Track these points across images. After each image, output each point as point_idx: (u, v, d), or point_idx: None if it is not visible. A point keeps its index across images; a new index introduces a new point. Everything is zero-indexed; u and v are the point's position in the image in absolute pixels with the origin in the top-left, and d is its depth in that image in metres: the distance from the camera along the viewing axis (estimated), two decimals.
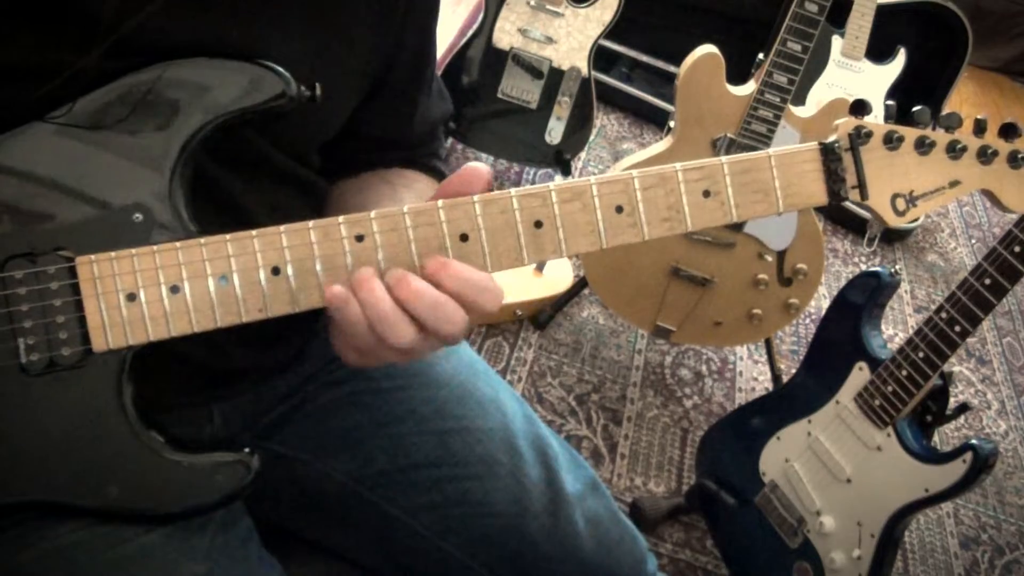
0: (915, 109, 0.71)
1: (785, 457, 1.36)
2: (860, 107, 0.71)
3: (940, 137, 0.71)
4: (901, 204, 0.71)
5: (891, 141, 0.70)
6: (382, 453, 0.86)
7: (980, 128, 0.72)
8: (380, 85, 0.83)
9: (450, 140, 2.29)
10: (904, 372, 1.17)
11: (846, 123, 0.70)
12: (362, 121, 0.84)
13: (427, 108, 0.90)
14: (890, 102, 0.72)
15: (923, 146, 0.71)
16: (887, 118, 0.71)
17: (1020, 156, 0.72)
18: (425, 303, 0.62)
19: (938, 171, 0.71)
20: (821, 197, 0.70)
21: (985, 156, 0.71)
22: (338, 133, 0.83)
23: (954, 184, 0.71)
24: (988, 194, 0.73)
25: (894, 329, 2.35)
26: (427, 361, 0.90)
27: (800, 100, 2.23)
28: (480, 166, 0.66)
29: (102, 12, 0.62)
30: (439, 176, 0.92)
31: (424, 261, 0.64)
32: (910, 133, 0.71)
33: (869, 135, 0.70)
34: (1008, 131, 0.72)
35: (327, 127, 0.80)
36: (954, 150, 0.71)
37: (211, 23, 0.66)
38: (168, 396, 0.75)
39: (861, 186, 0.70)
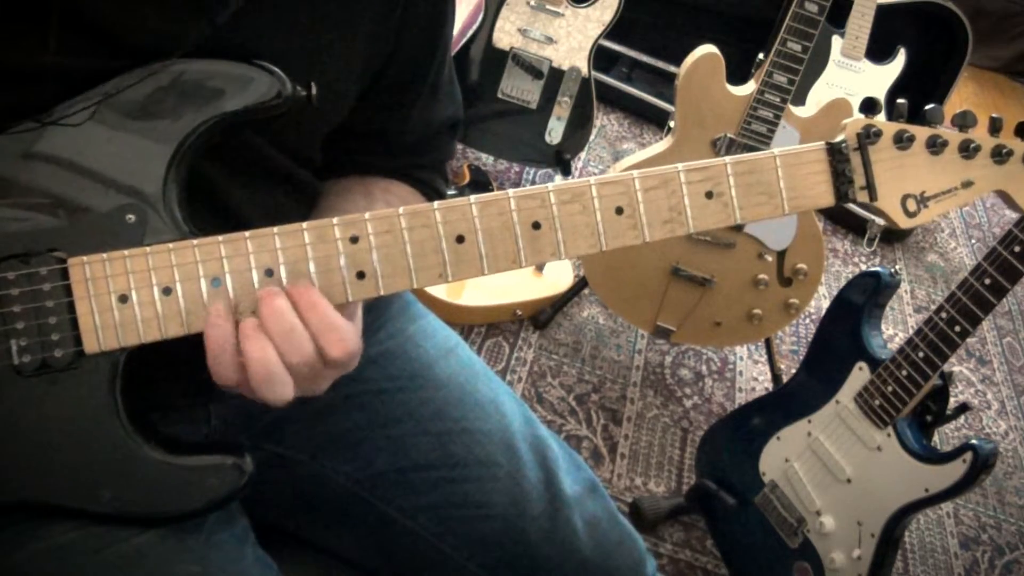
0: (927, 108, 0.69)
1: (785, 457, 1.35)
2: (870, 106, 0.68)
3: (953, 136, 0.69)
4: (912, 205, 0.68)
5: (901, 140, 0.68)
6: (380, 454, 0.85)
7: (995, 127, 0.69)
8: (374, 81, 0.82)
9: None
10: (904, 372, 1.16)
11: (854, 122, 0.68)
12: (355, 116, 0.83)
13: (426, 109, 0.88)
14: (901, 100, 0.69)
15: (935, 145, 0.68)
16: (897, 117, 0.69)
17: None
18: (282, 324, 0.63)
19: (950, 171, 0.69)
20: (828, 199, 0.68)
21: (1000, 156, 0.69)
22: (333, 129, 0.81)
23: (967, 184, 0.69)
24: (1003, 195, 0.71)
25: (894, 329, 2.34)
26: (426, 362, 0.89)
27: (800, 100, 2.23)
28: None
29: (100, 16, 0.61)
30: (431, 193, 0.90)
31: (291, 286, 0.64)
32: (921, 132, 0.68)
33: (878, 134, 0.68)
34: None
35: (324, 127, 0.79)
36: (967, 149, 0.69)
37: (206, 21, 0.66)
38: (164, 397, 0.75)
39: (870, 187, 0.68)
